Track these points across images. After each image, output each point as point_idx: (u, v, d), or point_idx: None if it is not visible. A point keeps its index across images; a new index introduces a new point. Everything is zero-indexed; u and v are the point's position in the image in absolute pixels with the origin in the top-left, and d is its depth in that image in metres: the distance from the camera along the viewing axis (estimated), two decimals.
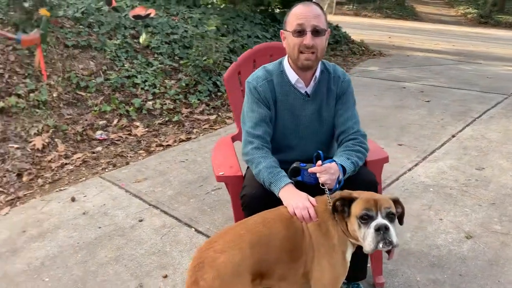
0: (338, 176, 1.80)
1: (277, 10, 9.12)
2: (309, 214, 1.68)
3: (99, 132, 4.45)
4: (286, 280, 1.68)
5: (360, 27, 15.14)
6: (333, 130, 2.15)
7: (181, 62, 5.70)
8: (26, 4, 5.09)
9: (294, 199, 1.74)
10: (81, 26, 5.57)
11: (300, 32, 1.92)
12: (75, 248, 2.72)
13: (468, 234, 2.80)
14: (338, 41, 9.23)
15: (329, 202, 1.69)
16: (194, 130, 4.72)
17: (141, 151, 4.21)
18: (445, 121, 4.94)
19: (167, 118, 4.89)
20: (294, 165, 1.86)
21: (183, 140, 4.45)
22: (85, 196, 3.36)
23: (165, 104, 5.07)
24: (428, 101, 5.76)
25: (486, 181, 3.55)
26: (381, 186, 2.32)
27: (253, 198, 1.90)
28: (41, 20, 4.65)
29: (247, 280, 1.49)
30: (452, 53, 10.20)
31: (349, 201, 1.64)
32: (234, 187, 2.13)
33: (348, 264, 1.72)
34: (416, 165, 3.82)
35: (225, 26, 6.89)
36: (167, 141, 4.40)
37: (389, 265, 2.50)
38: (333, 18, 18.06)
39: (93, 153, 4.13)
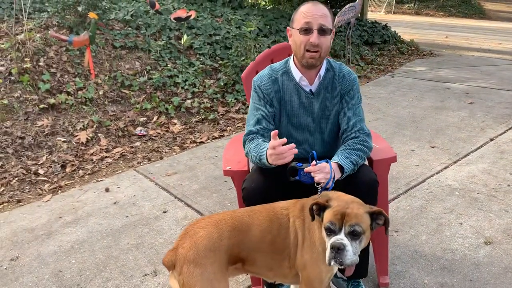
0: (334, 176, 1.84)
1: None
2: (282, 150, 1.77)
3: (139, 128, 4.72)
4: (273, 271, 1.76)
5: (418, 27, 14.67)
6: (338, 128, 2.18)
7: (221, 62, 5.88)
8: (79, 8, 5.50)
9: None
10: (129, 28, 5.90)
11: (306, 30, 1.98)
12: (102, 235, 2.94)
13: (487, 240, 2.71)
14: (386, 41, 9.02)
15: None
16: (228, 128, 4.87)
17: (175, 147, 4.42)
18: (485, 124, 4.73)
19: (203, 116, 5.07)
20: (292, 165, 1.91)
21: (215, 138, 4.61)
22: (118, 187, 3.60)
23: (203, 102, 5.27)
24: (471, 102, 5.52)
25: None
26: (386, 185, 2.31)
27: (252, 191, 1.98)
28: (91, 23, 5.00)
29: (221, 258, 1.62)
30: None
31: (324, 207, 1.64)
32: (239, 181, 2.22)
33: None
34: (445, 168, 3.71)
35: (268, 26, 6.99)
36: (200, 138, 4.58)
37: (397, 266, 2.49)
38: (390, 18, 17.63)
39: (132, 147, 4.39)
